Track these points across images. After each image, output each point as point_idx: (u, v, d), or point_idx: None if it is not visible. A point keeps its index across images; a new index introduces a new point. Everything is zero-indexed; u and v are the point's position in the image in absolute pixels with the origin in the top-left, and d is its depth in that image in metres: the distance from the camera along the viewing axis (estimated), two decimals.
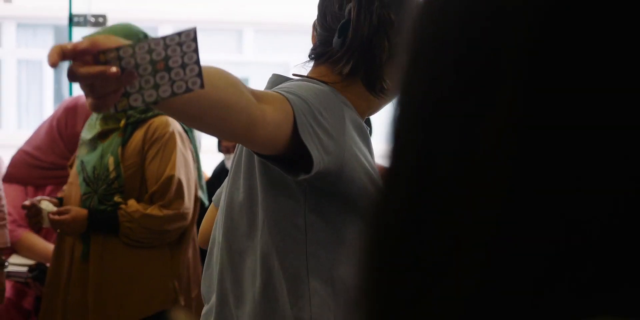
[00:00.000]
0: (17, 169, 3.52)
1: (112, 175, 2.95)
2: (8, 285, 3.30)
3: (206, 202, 3.06)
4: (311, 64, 1.73)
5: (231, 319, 1.70)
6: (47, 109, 9.86)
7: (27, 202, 3.07)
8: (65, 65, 1.17)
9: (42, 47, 10.10)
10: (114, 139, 2.98)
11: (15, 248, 3.40)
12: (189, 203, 2.99)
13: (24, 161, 3.51)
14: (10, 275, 3.33)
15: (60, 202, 3.09)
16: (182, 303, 3.02)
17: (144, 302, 2.96)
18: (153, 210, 2.90)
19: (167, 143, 2.92)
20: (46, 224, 3.06)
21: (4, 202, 3.16)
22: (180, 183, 2.94)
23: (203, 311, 1.86)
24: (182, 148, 2.98)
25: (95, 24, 4.47)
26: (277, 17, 10.13)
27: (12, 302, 3.43)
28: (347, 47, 1.60)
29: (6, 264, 3.21)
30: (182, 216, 2.96)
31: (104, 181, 2.96)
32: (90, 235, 2.97)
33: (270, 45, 10.81)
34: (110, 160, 2.96)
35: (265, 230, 1.62)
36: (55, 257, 3.09)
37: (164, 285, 3.00)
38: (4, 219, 3.14)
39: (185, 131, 3.06)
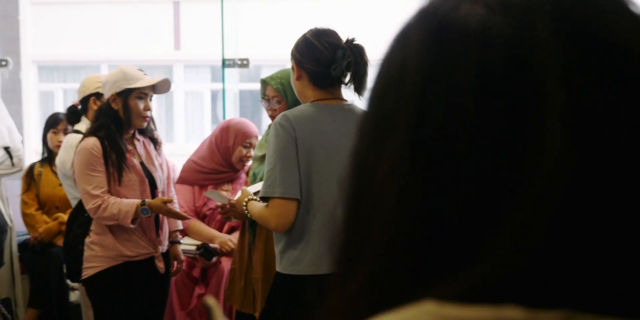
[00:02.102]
0: (187, 174, 3.76)
1: None
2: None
3: None
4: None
5: None
6: (207, 128, 10.01)
7: (219, 203, 3.04)
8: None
9: (203, 82, 10.40)
10: None
11: (186, 232, 3.64)
12: None
13: (191, 168, 3.75)
14: (183, 252, 3.50)
15: None
16: None
17: None
18: None
19: None
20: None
21: (176, 197, 3.43)
22: None
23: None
24: None
25: (241, 65, 4.58)
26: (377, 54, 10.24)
27: (185, 272, 3.63)
28: (353, 73, 2.43)
29: (181, 241, 3.46)
30: None
31: None
32: (256, 224, 2.98)
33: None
34: None
35: None
36: (239, 242, 3.15)
37: None
38: (177, 208, 3.31)
39: None
